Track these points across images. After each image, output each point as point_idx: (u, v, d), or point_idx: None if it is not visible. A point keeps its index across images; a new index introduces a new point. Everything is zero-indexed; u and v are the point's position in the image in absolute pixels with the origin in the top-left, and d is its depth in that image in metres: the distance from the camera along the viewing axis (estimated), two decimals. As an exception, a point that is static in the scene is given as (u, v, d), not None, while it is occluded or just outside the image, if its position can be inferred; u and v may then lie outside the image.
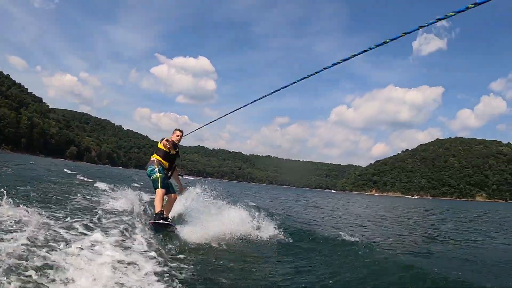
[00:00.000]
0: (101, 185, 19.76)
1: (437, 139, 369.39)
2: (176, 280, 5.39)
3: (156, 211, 8.52)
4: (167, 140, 9.22)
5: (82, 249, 5.94)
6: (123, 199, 13.16)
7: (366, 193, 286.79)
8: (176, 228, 8.67)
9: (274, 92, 6.53)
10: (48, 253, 5.52)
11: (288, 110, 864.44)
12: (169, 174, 9.66)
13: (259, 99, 7.69)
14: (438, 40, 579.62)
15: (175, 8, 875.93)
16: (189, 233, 8.44)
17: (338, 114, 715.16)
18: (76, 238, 6.66)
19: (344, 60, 4.84)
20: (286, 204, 33.45)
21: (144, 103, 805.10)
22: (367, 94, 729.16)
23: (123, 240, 7.11)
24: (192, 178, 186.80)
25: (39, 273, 4.65)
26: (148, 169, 9.22)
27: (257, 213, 11.88)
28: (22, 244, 5.63)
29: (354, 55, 4.93)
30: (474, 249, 12.98)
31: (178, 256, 6.80)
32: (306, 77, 5.36)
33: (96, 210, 10.29)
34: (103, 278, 4.85)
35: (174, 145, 9.44)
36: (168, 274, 5.61)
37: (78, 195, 14.09)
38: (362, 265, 7.10)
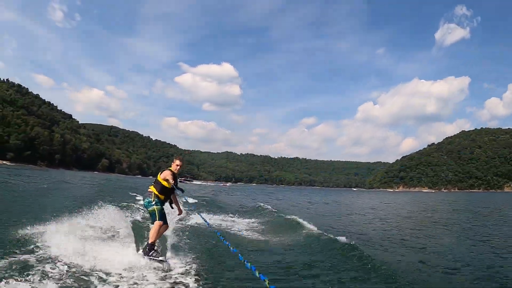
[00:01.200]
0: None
1: (462, 131, 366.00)
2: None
3: (150, 241, 8.92)
4: (173, 176, 9.38)
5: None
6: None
7: (388, 190, 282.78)
8: (164, 260, 8.90)
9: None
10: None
11: (314, 110, 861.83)
12: (166, 202, 9.78)
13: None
14: (461, 30, 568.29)
15: (194, 18, 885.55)
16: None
17: (364, 112, 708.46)
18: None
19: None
20: (291, 203, 35.29)
21: (170, 112, 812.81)
22: (393, 89, 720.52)
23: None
24: (221, 184, 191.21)
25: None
26: (145, 201, 9.37)
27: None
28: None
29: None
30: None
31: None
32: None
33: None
34: None
35: (175, 178, 9.48)
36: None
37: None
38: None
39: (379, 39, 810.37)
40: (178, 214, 10.45)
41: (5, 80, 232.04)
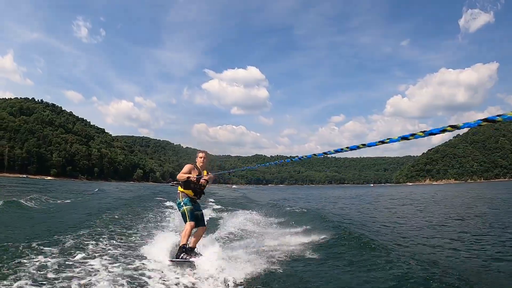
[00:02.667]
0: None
1: None
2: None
3: (181, 244, 8.41)
4: (194, 168, 9.07)
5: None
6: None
7: (408, 184, 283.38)
8: (194, 261, 8.16)
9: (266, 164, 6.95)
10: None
11: (342, 107, 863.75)
12: (198, 197, 9.30)
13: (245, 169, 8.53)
14: (484, 14, 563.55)
15: (215, 24, 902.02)
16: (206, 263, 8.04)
17: (393, 105, 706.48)
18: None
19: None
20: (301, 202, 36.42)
21: (199, 118, 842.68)
22: (420, 80, 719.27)
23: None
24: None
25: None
26: (176, 203, 8.98)
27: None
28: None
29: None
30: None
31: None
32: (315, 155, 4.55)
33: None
34: None
35: (199, 173, 9.06)
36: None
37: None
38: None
39: (402, 31, 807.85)
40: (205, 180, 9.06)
41: (40, 100, 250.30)
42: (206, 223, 9.68)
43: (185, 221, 8.65)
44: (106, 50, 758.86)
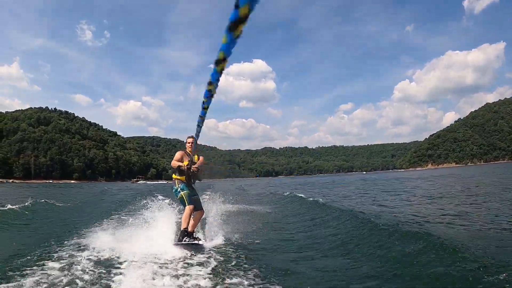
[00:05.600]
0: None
1: (486, 103, 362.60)
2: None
3: (182, 228, 8.47)
4: (185, 155, 9.14)
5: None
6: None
7: (413, 169, 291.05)
8: (198, 242, 8.38)
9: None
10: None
11: (350, 95, 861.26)
12: (193, 182, 9.32)
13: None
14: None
15: (218, 20, 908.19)
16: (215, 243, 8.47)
17: (401, 91, 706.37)
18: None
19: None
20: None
21: (208, 114, 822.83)
22: (427, 64, 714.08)
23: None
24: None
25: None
26: (173, 191, 9.11)
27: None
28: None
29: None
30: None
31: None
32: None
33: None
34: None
35: (190, 158, 9.07)
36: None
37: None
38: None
39: (406, 16, 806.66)
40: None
41: (53, 109, 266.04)
42: (203, 207, 9.74)
43: (184, 206, 8.77)
44: (111, 52, 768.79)
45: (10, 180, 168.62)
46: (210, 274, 6.33)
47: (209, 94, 3.37)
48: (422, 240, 7.07)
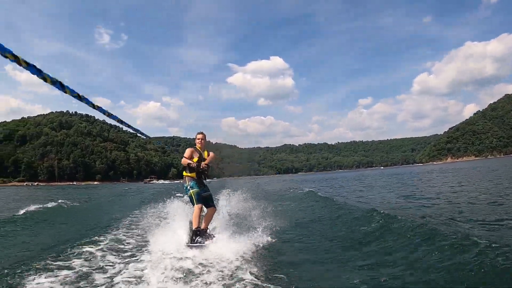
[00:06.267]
0: None
1: (506, 94, 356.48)
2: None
3: (193, 227, 8.41)
4: (195, 151, 9.08)
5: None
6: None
7: (433, 163, 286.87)
8: (212, 241, 8.30)
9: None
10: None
11: (368, 90, 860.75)
12: (203, 179, 9.15)
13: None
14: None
15: (235, 18, 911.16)
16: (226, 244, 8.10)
17: (420, 84, 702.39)
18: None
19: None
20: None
21: (228, 113, 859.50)
22: (446, 56, 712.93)
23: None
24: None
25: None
26: (184, 188, 9.01)
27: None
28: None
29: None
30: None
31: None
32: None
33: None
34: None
35: (200, 155, 9.06)
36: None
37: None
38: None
39: (423, 7, 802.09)
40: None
41: (74, 112, 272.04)
42: (215, 204, 9.59)
43: (193, 204, 8.69)
44: (129, 54, 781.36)
45: (35, 183, 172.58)
46: (222, 273, 6.30)
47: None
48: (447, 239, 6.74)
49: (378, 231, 8.78)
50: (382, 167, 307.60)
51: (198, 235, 8.35)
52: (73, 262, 6.97)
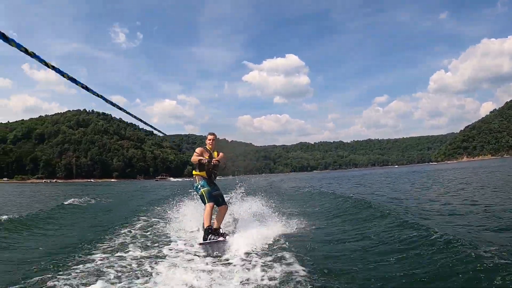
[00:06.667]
0: None
1: None
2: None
3: (205, 226, 8.41)
4: (205, 151, 9.31)
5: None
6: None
7: (447, 162, 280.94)
8: (225, 240, 8.33)
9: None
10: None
11: (384, 87, 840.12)
12: (214, 177, 9.30)
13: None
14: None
15: (250, 16, 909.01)
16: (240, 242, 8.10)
17: (436, 81, 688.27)
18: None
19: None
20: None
21: (243, 111, 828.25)
22: (462, 53, 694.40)
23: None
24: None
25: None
26: (194, 187, 9.16)
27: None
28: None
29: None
30: None
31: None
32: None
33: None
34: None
35: (210, 155, 9.23)
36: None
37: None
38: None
39: (439, 3, 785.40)
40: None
41: (91, 111, 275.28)
42: (227, 202, 9.63)
43: (204, 203, 8.71)
44: (145, 53, 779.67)
45: (54, 180, 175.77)
46: (236, 271, 6.29)
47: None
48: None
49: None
50: (397, 166, 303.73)
51: (210, 233, 8.36)
52: (98, 255, 7.37)
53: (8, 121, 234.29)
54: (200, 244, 8.20)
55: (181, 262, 7.00)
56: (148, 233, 10.14)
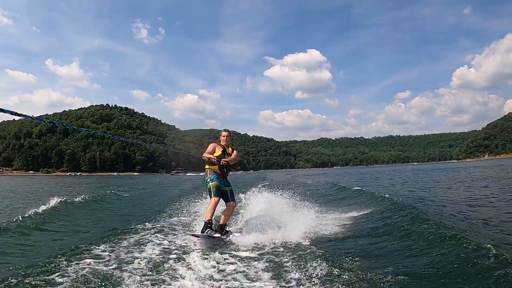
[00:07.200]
0: None
1: None
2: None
3: (206, 219, 8.30)
4: (218, 147, 9.22)
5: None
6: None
7: (466, 160, 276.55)
8: (221, 237, 8.29)
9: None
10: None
11: (407, 83, 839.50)
12: (226, 174, 9.17)
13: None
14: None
15: (271, 11, 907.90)
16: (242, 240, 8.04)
17: (459, 77, 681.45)
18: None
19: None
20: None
21: (265, 106, 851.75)
22: (486, 49, 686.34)
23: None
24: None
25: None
26: (204, 181, 8.99)
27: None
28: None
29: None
30: None
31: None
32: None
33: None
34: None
35: (224, 150, 9.16)
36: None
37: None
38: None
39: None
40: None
41: (114, 105, 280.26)
42: (235, 200, 9.46)
43: (210, 197, 8.62)
44: (167, 48, 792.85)
45: (78, 173, 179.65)
46: (230, 271, 6.08)
47: None
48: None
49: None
50: (416, 163, 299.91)
51: (209, 227, 8.20)
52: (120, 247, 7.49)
53: (33, 116, 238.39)
54: (193, 235, 8.18)
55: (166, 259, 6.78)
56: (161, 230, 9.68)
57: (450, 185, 24.80)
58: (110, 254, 6.86)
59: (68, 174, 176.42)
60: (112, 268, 5.97)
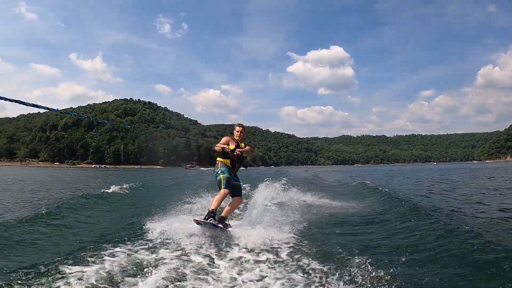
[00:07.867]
0: None
1: None
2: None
3: (210, 208, 8.25)
4: (232, 140, 9.23)
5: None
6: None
7: (486, 161, 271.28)
8: (224, 229, 8.18)
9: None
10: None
11: (430, 81, 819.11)
12: (236, 168, 9.19)
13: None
14: None
15: (295, 7, 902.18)
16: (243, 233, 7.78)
17: (484, 76, 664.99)
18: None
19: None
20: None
21: (287, 102, 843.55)
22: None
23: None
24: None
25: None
26: (214, 173, 8.98)
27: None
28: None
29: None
30: None
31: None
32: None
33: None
34: None
35: (237, 145, 9.14)
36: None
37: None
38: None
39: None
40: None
41: (137, 100, 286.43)
42: (243, 195, 9.49)
43: (220, 188, 8.60)
44: (189, 43, 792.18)
45: (103, 166, 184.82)
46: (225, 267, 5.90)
47: None
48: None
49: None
50: (435, 163, 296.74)
51: (212, 217, 8.13)
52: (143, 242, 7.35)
53: (58, 109, 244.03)
54: (195, 220, 8.19)
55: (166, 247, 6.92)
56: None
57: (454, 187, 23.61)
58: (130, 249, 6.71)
59: (93, 166, 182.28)
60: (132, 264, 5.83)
